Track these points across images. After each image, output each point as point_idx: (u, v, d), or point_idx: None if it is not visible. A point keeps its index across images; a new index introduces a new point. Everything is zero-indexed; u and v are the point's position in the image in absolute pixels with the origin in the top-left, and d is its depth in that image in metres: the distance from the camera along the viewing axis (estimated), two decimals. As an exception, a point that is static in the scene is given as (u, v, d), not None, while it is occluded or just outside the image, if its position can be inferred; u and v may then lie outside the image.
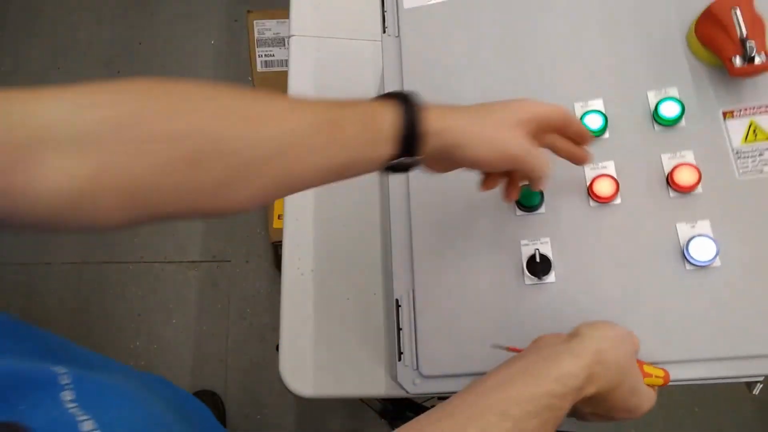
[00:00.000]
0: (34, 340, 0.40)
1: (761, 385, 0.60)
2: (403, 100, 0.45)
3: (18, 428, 0.31)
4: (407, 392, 0.58)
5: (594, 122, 0.62)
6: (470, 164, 0.49)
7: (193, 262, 1.65)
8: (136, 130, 0.36)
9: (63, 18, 1.92)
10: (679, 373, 0.53)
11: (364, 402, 1.37)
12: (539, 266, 0.58)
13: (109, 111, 0.36)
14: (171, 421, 0.42)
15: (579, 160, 0.56)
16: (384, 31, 0.72)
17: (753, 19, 0.58)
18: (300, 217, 0.82)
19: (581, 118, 0.63)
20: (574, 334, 0.46)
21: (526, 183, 0.54)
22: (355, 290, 0.79)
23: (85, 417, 0.35)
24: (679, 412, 1.60)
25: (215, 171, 0.39)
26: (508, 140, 0.48)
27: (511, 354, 0.51)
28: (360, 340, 0.76)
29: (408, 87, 0.69)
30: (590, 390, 0.43)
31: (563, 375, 0.41)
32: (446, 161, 0.49)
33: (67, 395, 0.36)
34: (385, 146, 0.44)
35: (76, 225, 0.36)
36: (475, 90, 0.69)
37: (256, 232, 1.68)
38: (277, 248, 1.56)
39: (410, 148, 0.45)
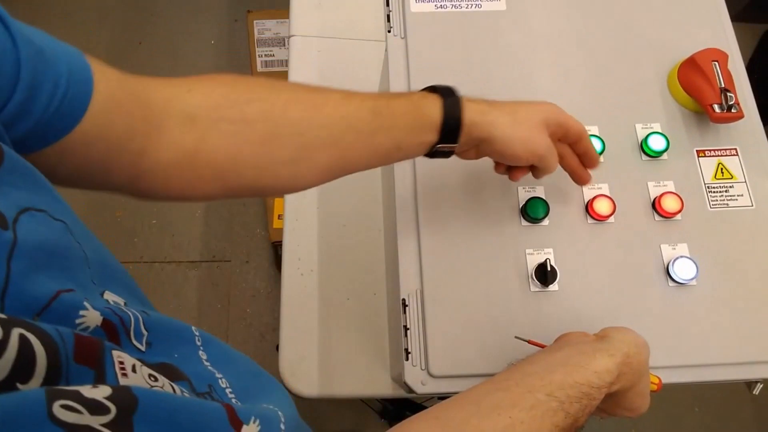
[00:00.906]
0: (143, 297, 0.42)
1: (761, 386, 0.63)
2: (446, 93, 0.51)
3: (177, 371, 0.34)
4: (415, 392, 0.58)
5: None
6: (500, 157, 0.55)
7: (193, 262, 1.65)
8: (228, 110, 0.44)
9: (63, 18, 1.92)
10: (664, 378, 0.57)
11: (364, 402, 1.37)
12: (549, 275, 0.61)
13: (209, 94, 0.44)
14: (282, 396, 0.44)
15: (581, 179, 0.61)
16: (389, 31, 0.72)
17: (727, 74, 0.66)
18: (300, 217, 0.82)
19: None
20: (602, 336, 0.49)
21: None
22: (355, 290, 0.79)
23: (219, 375, 0.38)
24: (679, 411, 1.60)
25: (284, 149, 0.46)
26: (537, 140, 0.53)
27: (531, 347, 0.55)
28: (360, 340, 0.76)
29: (414, 88, 0.69)
30: (615, 387, 0.46)
31: (601, 370, 0.44)
32: (478, 150, 0.54)
33: (203, 354, 0.38)
34: (429, 133, 0.50)
35: (178, 191, 0.44)
36: None
37: (256, 232, 1.68)
38: (277, 248, 1.56)
39: (451, 136, 0.50)
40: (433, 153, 0.52)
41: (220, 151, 0.44)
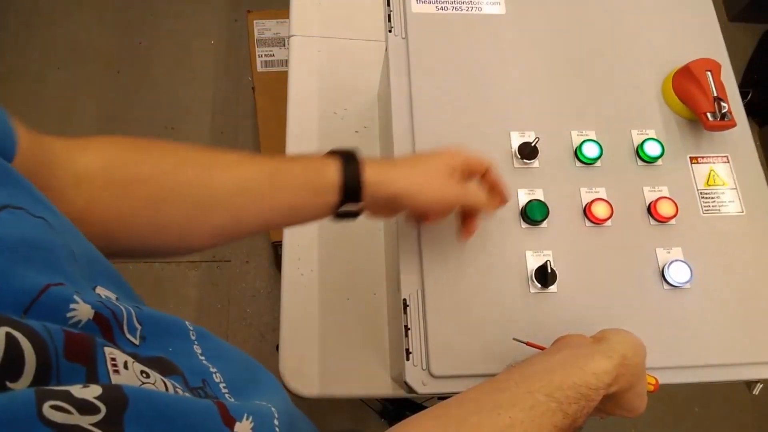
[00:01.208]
0: (133, 293, 0.42)
1: (761, 386, 0.63)
2: (346, 156, 0.51)
3: (171, 365, 0.34)
4: (416, 392, 0.59)
5: (591, 151, 0.68)
6: (413, 210, 0.56)
7: (193, 262, 1.65)
8: (118, 171, 0.44)
9: (63, 18, 1.92)
10: (661, 378, 0.58)
11: (364, 402, 1.37)
12: (549, 277, 0.61)
13: (102, 155, 0.44)
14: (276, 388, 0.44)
15: (466, 228, 0.60)
16: (390, 30, 0.72)
17: (720, 84, 0.68)
18: (300, 217, 0.82)
19: (580, 145, 0.68)
20: (600, 338, 0.50)
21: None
22: (355, 290, 0.79)
23: (214, 369, 0.38)
24: (679, 411, 1.60)
25: (175, 211, 0.46)
26: (442, 188, 0.54)
27: (529, 348, 0.55)
28: (360, 340, 0.76)
29: (415, 87, 0.69)
30: (613, 388, 0.47)
31: (599, 372, 0.45)
32: (390, 208, 0.55)
33: (197, 348, 0.38)
34: (330, 194, 0.50)
35: None
36: (480, 102, 0.70)
37: (256, 232, 1.68)
38: (277, 248, 1.56)
39: (353, 196, 0.51)
40: (339, 214, 0.53)
41: (110, 212, 0.44)
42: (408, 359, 0.59)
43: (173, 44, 1.91)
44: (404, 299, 0.61)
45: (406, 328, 0.60)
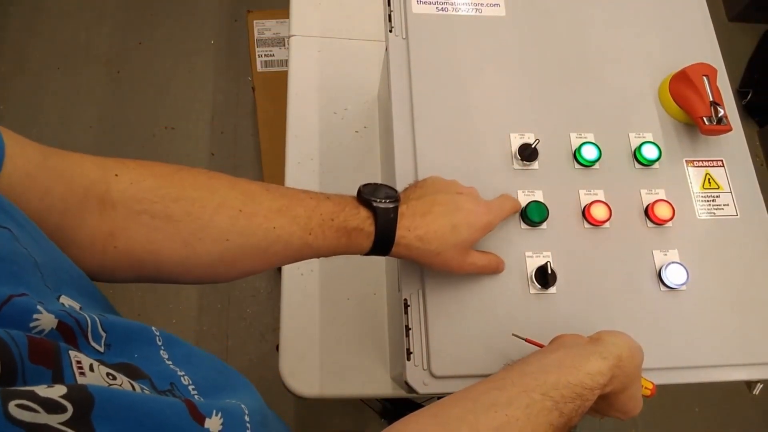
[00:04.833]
0: (104, 300, 0.42)
1: (761, 386, 0.63)
2: (383, 217, 0.52)
3: (137, 370, 0.34)
4: (416, 392, 0.59)
5: (589, 153, 0.68)
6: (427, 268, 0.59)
7: (193, 262, 1.65)
8: (153, 205, 0.44)
9: (63, 18, 1.92)
10: (657, 379, 0.58)
11: (364, 402, 1.38)
12: (549, 278, 0.61)
13: (137, 183, 0.44)
14: (248, 389, 0.44)
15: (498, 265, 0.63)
16: (390, 30, 0.72)
17: (716, 88, 0.69)
18: (300, 218, 0.82)
19: (579, 147, 0.68)
20: (596, 339, 0.50)
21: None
22: (356, 290, 0.79)
23: (182, 373, 0.38)
24: (679, 411, 1.60)
25: (207, 253, 0.46)
26: (458, 266, 0.57)
27: (528, 345, 0.56)
28: (360, 340, 0.76)
29: (415, 88, 0.69)
30: (607, 389, 0.47)
31: (594, 372, 0.46)
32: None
33: (164, 354, 0.38)
34: (359, 251, 0.53)
35: (91, 274, 0.42)
36: (480, 103, 0.71)
37: (256, 232, 1.68)
38: (277, 248, 1.56)
39: (381, 252, 0.53)
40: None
41: (139, 244, 0.44)
42: (409, 359, 0.59)
43: (173, 44, 1.91)
44: (405, 299, 0.61)
45: (407, 329, 0.60)
